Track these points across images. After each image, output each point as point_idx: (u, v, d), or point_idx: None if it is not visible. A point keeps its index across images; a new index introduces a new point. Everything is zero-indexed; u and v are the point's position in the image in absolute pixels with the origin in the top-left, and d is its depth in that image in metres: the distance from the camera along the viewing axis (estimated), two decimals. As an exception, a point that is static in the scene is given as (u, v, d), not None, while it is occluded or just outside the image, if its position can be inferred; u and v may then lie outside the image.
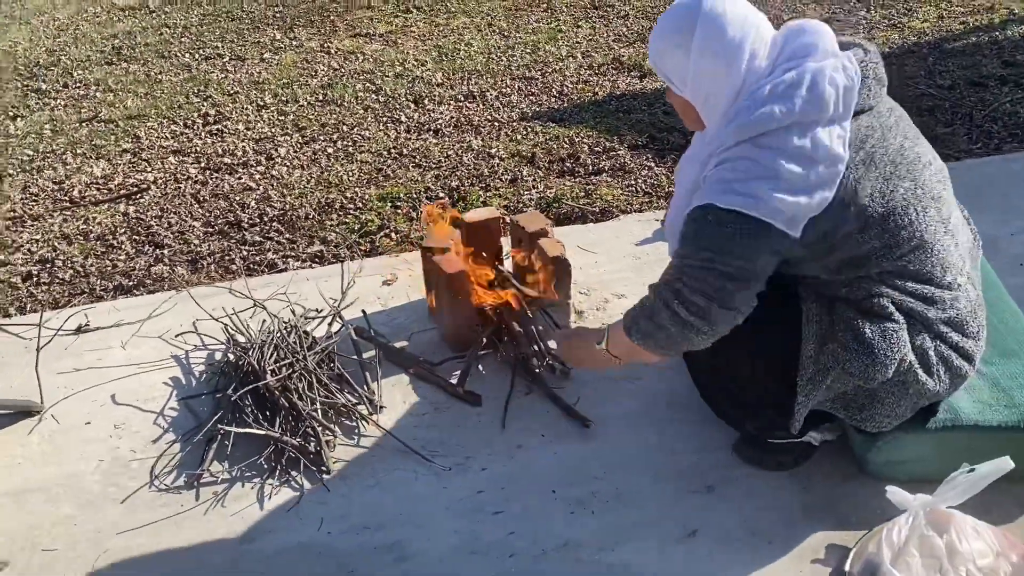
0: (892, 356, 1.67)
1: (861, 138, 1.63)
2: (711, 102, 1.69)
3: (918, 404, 1.80)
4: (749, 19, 1.66)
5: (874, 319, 1.68)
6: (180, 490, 2.06)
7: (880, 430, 1.82)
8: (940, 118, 3.64)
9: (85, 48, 5.15)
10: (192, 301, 2.66)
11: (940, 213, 1.71)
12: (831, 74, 1.60)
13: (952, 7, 4.93)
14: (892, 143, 1.66)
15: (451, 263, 2.31)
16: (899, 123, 1.71)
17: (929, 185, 1.70)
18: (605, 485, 1.99)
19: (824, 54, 1.64)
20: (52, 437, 2.23)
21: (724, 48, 1.63)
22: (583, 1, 5.46)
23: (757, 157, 1.60)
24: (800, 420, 1.79)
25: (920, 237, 1.67)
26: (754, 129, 1.60)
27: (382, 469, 2.08)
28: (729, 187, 1.61)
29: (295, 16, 5.51)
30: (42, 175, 3.71)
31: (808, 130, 1.59)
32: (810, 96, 1.58)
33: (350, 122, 4.06)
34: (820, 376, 1.72)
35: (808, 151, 1.58)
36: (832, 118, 1.60)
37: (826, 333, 1.71)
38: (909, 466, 1.86)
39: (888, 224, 1.64)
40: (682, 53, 1.66)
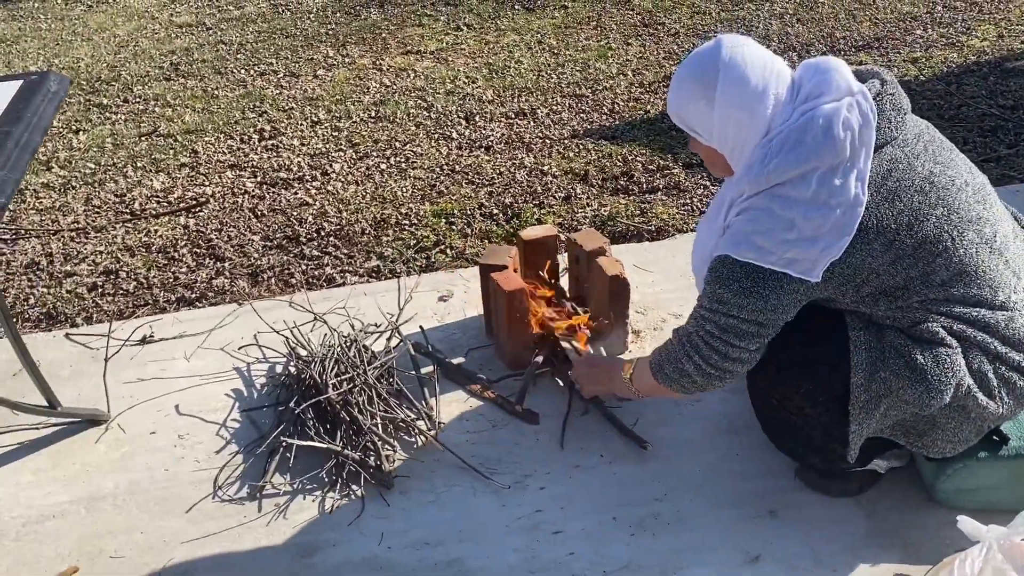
0: (947, 382, 1.64)
1: (883, 174, 1.61)
2: (738, 149, 1.69)
3: (983, 428, 1.76)
4: (768, 64, 1.66)
5: (926, 345, 1.65)
6: (243, 501, 2.09)
7: (944, 456, 1.78)
8: (1003, 139, 3.58)
9: (144, 64, 5.27)
10: (253, 314, 2.70)
11: (981, 234, 1.66)
12: (845, 114, 1.58)
13: (1012, 25, 4.85)
14: (919, 172, 1.63)
15: (509, 281, 2.32)
16: (928, 148, 1.67)
17: (965, 208, 1.65)
18: (666, 507, 1.98)
19: (839, 91, 1.62)
20: (119, 446, 2.27)
21: (748, 97, 1.63)
22: (633, 19, 5.47)
23: (773, 207, 1.60)
24: (855, 449, 1.76)
25: (960, 262, 1.64)
26: (771, 179, 1.60)
27: (441, 485, 2.09)
28: (745, 239, 1.62)
29: (347, 34, 5.58)
30: (104, 188, 3.80)
31: (825, 175, 1.57)
32: (824, 141, 1.57)
33: (402, 138, 4.10)
34: (872, 405, 1.69)
35: (824, 198, 1.57)
36: (850, 160, 1.57)
37: (876, 361, 1.67)
38: (981, 494, 1.83)
39: (921, 253, 1.61)
40: (705, 104, 1.66)
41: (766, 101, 1.64)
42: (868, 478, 1.94)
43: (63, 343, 2.69)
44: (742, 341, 1.68)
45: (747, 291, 1.63)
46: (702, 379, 1.75)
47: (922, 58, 4.53)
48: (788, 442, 1.95)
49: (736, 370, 1.72)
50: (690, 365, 1.74)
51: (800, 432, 1.87)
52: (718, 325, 1.68)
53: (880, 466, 1.92)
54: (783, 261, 1.60)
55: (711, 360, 1.71)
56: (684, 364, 1.75)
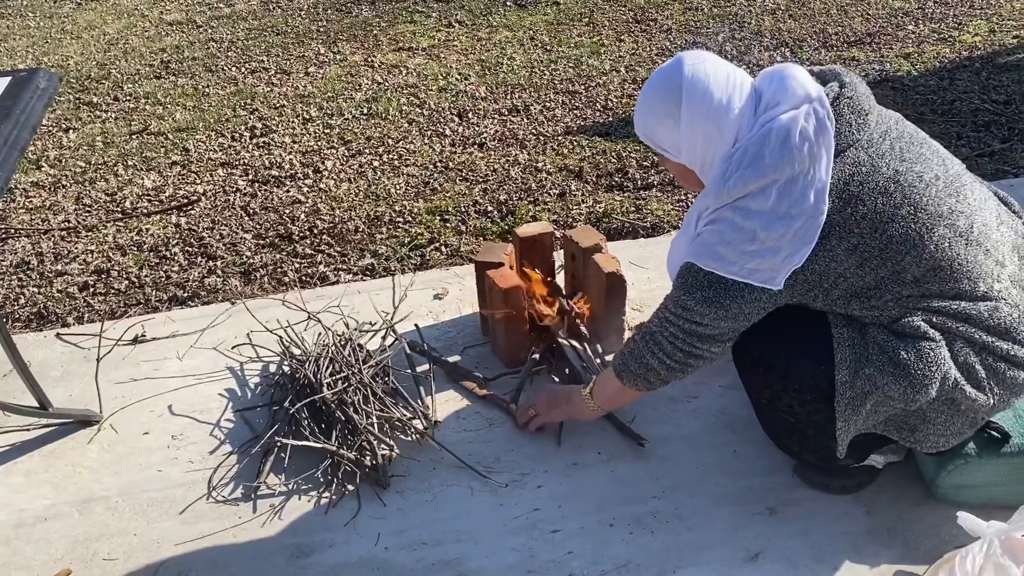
0: (931, 376, 1.63)
1: (845, 179, 1.60)
2: (708, 162, 1.71)
3: (976, 420, 1.75)
4: (731, 77, 1.68)
5: (909, 340, 1.64)
6: (237, 502, 2.07)
7: (938, 449, 1.78)
8: (996, 133, 3.58)
9: (134, 62, 5.23)
10: (246, 313, 2.68)
11: (954, 228, 1.65)
12: (802, 124, 1.59)
13: (1003, 20, 4.86)
14: (884, 172, 1.62)
15: (505, 278, 2.30)
16: (894, 146, 1.66)
17: (935, 204, 1.64)
18: (664, 505, 1.97)
19: (796, 99, 1.62)
20: (112, 447, 2.25)
21: (713, 111, 1.65)
22: (625, 16, 5.45)
23: (735, 219, 1.63)
24: (844, 446, 1.76)
25: (932, 259, 1.63)
26: (733, 194, 1.63)
27: (438, 484, 2.07)
28: (709, 249, 1.66)
29: (339, 31, 5.55)
30: (95, 186, 3.76)
31: (785, 187, 1.59)
32: (781, 153, 1.58)
33: (395, 135, 4.08)
34: (858, 401, 1.69)
35: (785, 209, 1.58)
36: (809, 169, 1.58)
37: (860, 358, 1.67)
38: (980, 491, 1.82)
39: (888, 254, 1.61)
40: (672, 123, 1.69)
41: (731, 113, 1.66)
42: (867, 474, 1.93)
43: (54, 343, 2.66)
44: (704, 344, 1.74)
45: (709, 300, 1.67)
46: (665, 372, 1.82)
47: (914, 53, 4.52)
48: (785, 440, 1.95)
49: (698, 366, 1.79)
50: (654, 360, 1.80)
51: (795, 430, 1.87)
52: (681, 329, 1.74)
53: (877, 461, 1.91)
54: (744, 271, 1.63)
55: (675, 356, 1.77)
56: (648, 359, 1.81)
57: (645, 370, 1.84)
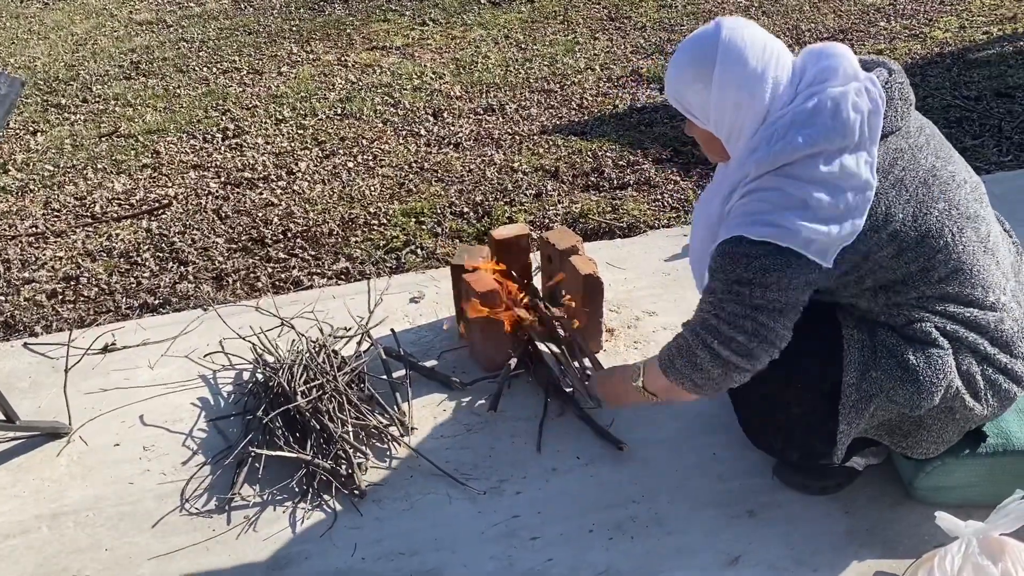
0: (938, 383, 1.62)
1: (890, 161, 1.58)
2: (736, 133, 1.65)
3: (965, 429, 1.75)
4: (769, 47, 1.61)
5: (918, 345, 1.63)
6: (211, 514, 2.03)
7: (927, 456, 1.78)
8: (968, 130, 3.60)
9: (103, 63, 5.15)
10: (218, 320, 2.63)
11: (978, 233, 1.65)
12: (854, 98, 1.55)
13: (973, 16, 4.89)
14: (923, 164, 1.61)
15: (482, 282, 2.28)
16: (930, 142, 1.65)
17: (964, 205, 1.64)
18: (644, 510, 1.96)
19: (846, 77, 1.58)
20: (81, 459, 2.20)
21: (746, 78, 1.59)
22: (600, 13, 5.44)
23: (784, 187, 1.55)
24: (843, 449, 1.74)
25: (958, 259, 1.62)
26: (778, 159, 1.56)
27: (415, 492, 2.05)
28: (758, 218, 1.56)
29: (311, 30, 5.50)
30: (63, 191, 3.70)
31: (834, 157, 1.54)
32: (833, 123, 1.53)
33: (369, 136, 4.04)
34: (863, 404, 1.67)
35: (836, 179, 1.53)
36: (858, 143, 1.54)
37: (868, 360, 1.65)
38: (958, 492, 1.82)
39: (923, 248, 1.59)
40: (703, 86, 1.62)
41: (765, 83, 1.59)
42: (846, 475, 1.93)
43: (22, 353, 2.60)
44: (768, 318, 1.58)
45: (768, 269, 1.55)
46: (719, 371, 1.64)
47: (887, 50, 4.55)
48: (768, 439, 1.93)
49: (762, 353, 1.61)
50: (707, 355, 1.64)
51: (781, 429, 1.85)
52: (741, 304, 1.58)
53: (858, 463, 1.91)
54: (800, 241, 1.53)
55: (733, 344, 1.60)
56: (700, 355, 1.65)
57: (692, 368, 1.67)
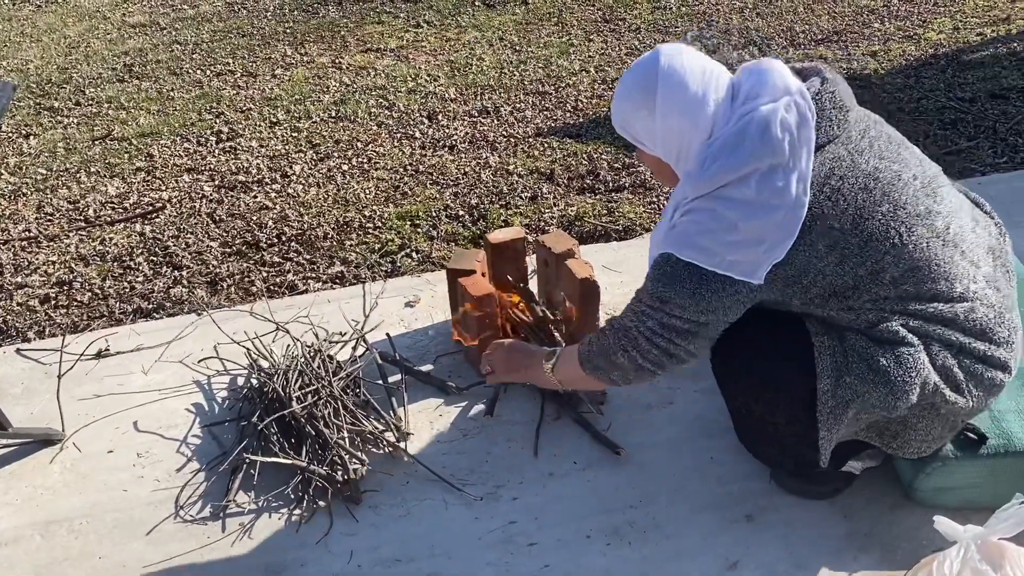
0: (911, 382, 1.62)
1: (826, 173, 1.59)
2: (683, 155, 1.69)
3: (956, 424, 1.74)
4: (707, 70, 1.66)
5: (887, 346, 1.63)
6: (206, 521, 2.02)
7: (919, 455, 1.77)
8: (963, 131, 3.60)
9: (96, 65, 5.13)
10: (212, 324, 2.62)
11: (932, 228, 1.64)
12: (782, 115, 1.57)
13: (967, 18, 4.90)
14: (863, 168, 1.61)
15: (478, 286, 2.27)
16: (873, 144, 1.65)
17: (913, 203, 1.63)
18: (641, 515, 1.95)
19: (775, 92, 1.61)
20: (74, 466, 2.19)
21: (688, 103, 1.63)
22: (594, 15, 5.43)
23: (716, 208, 1.59)
24: (826, 455, 1.74)
25: (910, 258, 1.61)
26: (713, 182, 1.59)
27: (411, 498, 2.03)
28: (688, 239, 1.62)
29: (305, 32, 5.49)
30: (56, 194, 3.68)
31: (765, 178, 1.56)
32: (762, 142, 1.56)
33: (364, 138, 4.03)
34: (840, 410, 1.67)
35: (766, 199, 1.56)
36: (789, 160, 1.56)
37: (840, 366, 1.66)
38: (959, 493, 1.81)
39: (868, 252, 1.60)
40: (647, 114, 1.66)
41: (706, 106, 1.63)
42: (844, 480, 1.92)
43: (14, 359, 2.59)
44: (683, 339, 1.67)
45: (689, 292, 1.62)
46: (634, 373, 1.76)
47: (881, 51, 4.55)
48: (763, 448, 1.93)
49: (672, 367, 1.73)
50: (624, 358, 1.74)
51: (772, 438, 1.86)
52: (660, 323, 1.67)
53: (855, 467, 1.90)
54: (725, 263, 1.59)
55: (649, 356, 1.71)
56: (618, 357, 1.75)
57: (611, 367, 1.78)
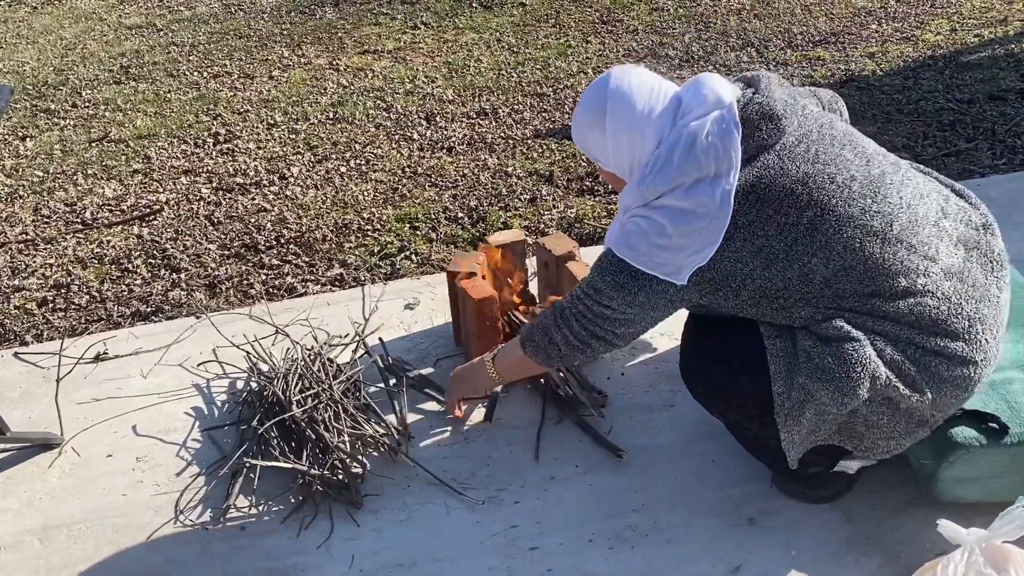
0: (856, 377, 1.61)
1: (752, 182, 1.63)
2: (632, 169, 1.77)
3: (924, 419, 1.71)
4: (655, 90, 1.74)
5: (833, 343, 1.64)
6: (206, 526, 2.01)
7: (890, 454, 1.77)
8: (962, 133, 3.60)
9: (93, 67, 5.12)
10: (211, 328, 2.61)
11: (867, 228, 1.63)
12: (708, 129, 1.64)
13: (964, 19, 4.90)
14: (792, 174, 1.63)
15: (478, 289, 2.27)
16: (810, 148, 1.66)
17: (844, 205, 1.63)
18: (644, 519, 1.94)
19: (707, 106, 1.68)
20: (73, 471, 2.18)
21: (635, 122, 1.72)
22: (591, 16, 5.43)
23: (650, 215, 1.69)
24: (793, 457, 1.76)
25: (839, 259, 1.62)
26: (647, 196, 1.69)
27: (413, 503, 2.03)
28: (625, 239, 1.72)
29: (302, 33, 5.48)
30: (53, 196, 3.67)
31: (692, 189, 1.64)
32: (687, 158, 1.64)
33: (362, 140, 4.03)
34: (797, 412, 1.69)
35: (691, 209, 1.63)
36: (716, 172, 1.63)
37: (792, 367, 1.68)
38: (980, 484, 1.78)
39: (793, 255, 1.62)
40: (599, 132, 1.75)
41: (652, 124, 1.71)
42: (844, 483, 1.92)
43: (12, 363, 2.57)
44: (608, 325, 1.78)
45: (619, 285, 1.72)
46: (566, 349, 1.85)
47: (879, 52, 4.55)
48: (754, 451, 1.96)
49: (598, 348, 1.84)
50: (558, 335, 1.84)
51: (756, 442, 1.90)
52: (589, 308, 1.78)
53: (850, 467, 1.90)
54: (652, 263, 1.68)
55: (579, 335, 1.82)
56: (553, 334, 1.85)
57: (548, 343, 1.88)
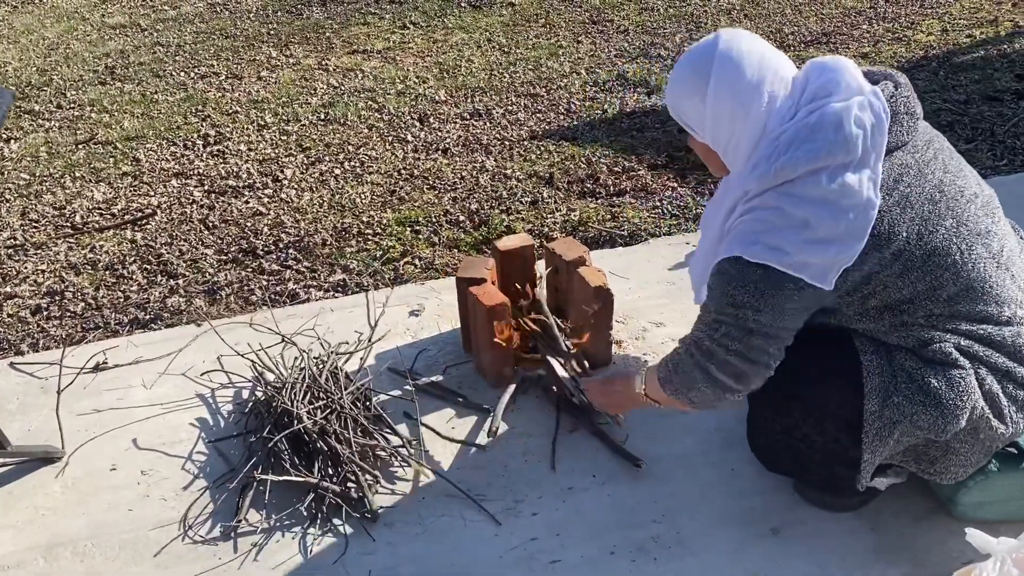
0: (963, 405, 1.58)
1: (895, 178, 1.55)
2: (732, 146, 1.63)
3: (991, 449, 1.71)
4: (767, 59, 1.59)
5: (938, 367, 1.59)
6: (216, 542, 1.95)
7: (956, 480, 1.74)
8: (961, 134, 3.60)
9: (77, 67, 5.02)
10: (214, 335, 2.54)
11: (989, 248, 1.61)
12: (857, 113, 1.52)
13: (954, 20, 4.92)
14: (930, 179, 1.58)
15: (490, 295, 2.22)
16: (938, 156, 1.62)
17: (974, 221, 1.61)
18: (665, 530, 1.91)
19: (849, 91, 1.55)
20: (77, 485, 2.11)
21: (741, 91, 1.57)
22: (581, 16, 5.40)
23: (784, 206, 1.53)
24: (867, 477, 1.70)
25: (967, 277, 1.58)
26: (779, 176, 1.53)
27: (429, 515, 1.98)
28: (756, 238, 1.55)
29: (290, 33, 5.41)
30: (41, 200, 3.58)
31: (836, 175, 1.51)
32: (835, 138, 1.50)
33: (355, 142, 3.97)
34: (886, 432, 1.63)
35: (837, 197, 1.50)
36: (861, 160, 1.51)
37: (888, 386, 1.61)
38: (1000, 507, 1.78)
39: (930, 266, 1.56)
40: (699, 98, 1.61)
41: (760, 96, 1.57)
42: (869, 493, 1.89)
43: (8, 373, 2.50)
44: (764, 342, 1.59)
45: (763, 293, 1.54)
46: (711, 389, 1.66)
47: (872, 52, 4.55)
48: (786, 463, 1.88)
49: (754, 378, 1.63)
50: (700, 374, 1.65)
51: (801, 455, 1.80)
52: (735, 327, 1.58)
53: (881, 483, 1.86)
54: (797, 264, 1.52)
55: (727, 367, 1.62)
56: (695, 375, 1.66)
57: (687, 387, 1.69)
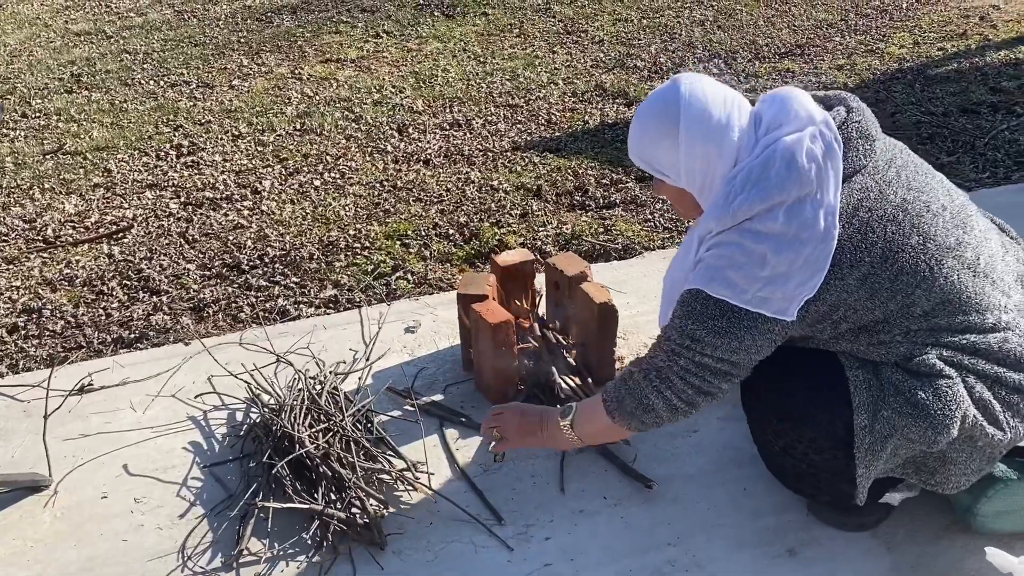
0: (952, 415, 1.58)
1: (854, 204, 1.56)
2: (708, 185, 1.66)
3: (994, 456, 1.71)
4: (728, 97, 1.64)
5: (925, 379, 1.59)
6: (217, 572, 1.87)
7: (958, 490, 1.74)
8: (942, 146, 3.65)
9: (42, 75, 4.87)
10: (205, 355, 2.45)
11: (961, 260, 1.62)
12: (808, 145, 1.54)
13: (924, 32, 5.00)
14: (892, 200, 1.58)
15: (493, 313, 2.18)
16: (900, 173, 1.62)
17: (943, 235, 1.61)
18: (681, 553, 1.88)
19: (799, 121, 1.59)
20: (67, 515, 2.02)
21: (712, 131, 1.61)
22: (556, 27, 5.39)
23: (743, 242, 1.56)
24: (864, 492, 1.70)
25: (941, 291, 1.59)
26: (737, 216, 1.56)
27: (438, 541, 1.93)
28: (717, 274, 1.57)
29: (260, 41, 5.32)
30: (9, 212, 3.46)
31: (793, 209, 1.53)
32: (788, 175, 1.53)
33: (333, 152, 3.90)
34: (878, 446, 1.63)
35: (794, 232, 1.52)
36: (817, 192, 1.53)
37: (877, 400, 1.62)
38: (1018, 516, 1.77)
39: (898, 286, 1.57)
40: (670, 144, 1.64)
41: (731, 133, 1.62)
42: (884, 509, 1.88)
43: (-14, 397, 2.39)
44: (716, 379, 1.63)
45: (721, 330, 1.57)
46: (668, 414, 1.68)
47: (847, 65, 4.60)
48: (795, 484, 1.88)
49: (704, 406, 1.67)
50: (658, 400, 1.67)
51: (807, 475, 1.80)
52: (693, 362, 1.62)
53: (894, 499, 1.86)
54: (756, 300, 1.55)
55: (684, 395, 1.65)
56: (651, 399, 1.67)
57: (643, 410, 1.69)
